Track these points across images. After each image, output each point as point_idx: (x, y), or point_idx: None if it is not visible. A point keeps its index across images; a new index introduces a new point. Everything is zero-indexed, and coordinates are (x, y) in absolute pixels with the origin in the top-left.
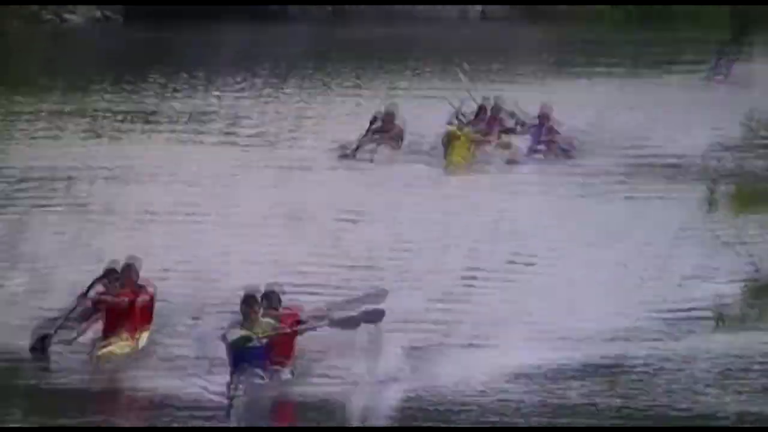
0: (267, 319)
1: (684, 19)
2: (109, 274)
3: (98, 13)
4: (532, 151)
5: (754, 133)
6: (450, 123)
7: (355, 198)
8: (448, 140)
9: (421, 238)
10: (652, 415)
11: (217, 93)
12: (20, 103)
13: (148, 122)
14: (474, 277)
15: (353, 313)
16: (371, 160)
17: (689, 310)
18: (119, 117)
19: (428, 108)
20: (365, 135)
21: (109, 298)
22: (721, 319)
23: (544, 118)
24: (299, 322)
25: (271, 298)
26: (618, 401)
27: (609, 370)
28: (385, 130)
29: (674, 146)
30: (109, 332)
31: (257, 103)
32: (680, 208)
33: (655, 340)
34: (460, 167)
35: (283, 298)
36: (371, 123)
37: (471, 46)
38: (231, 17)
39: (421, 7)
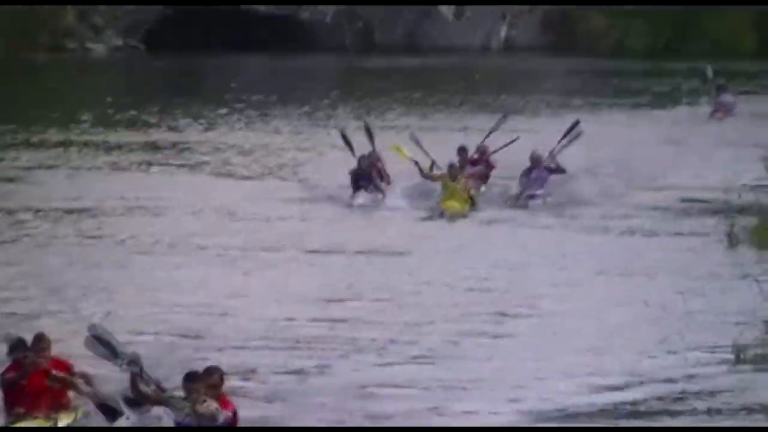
0: (212, 405)
1: (708, 51)
2: (17, 347)
3: (120, 42)
4: (531, 197)
5: None
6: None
7: (350, 237)
8: (443, 186)
9: (430, 279)
10: None
11: (233, 124)
12: (39, 134)
13: (160, 154)
14: (492, 319)
15: None
16: (350, 205)
17: (710, 348)
18: (135, 149)
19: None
20: (353, 178)
21: (22, 381)
22: (742, 358)
23: (536, 161)
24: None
25: (212, 376)
26: None
27: (626, 410)
28: (368, 173)
29: (693, 181)
30: (14, 409)
31: (271, 135)
32: (701, 245)
33: (671, 380)
34: (456, 212)
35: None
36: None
37: (490, 78)
38: (253, 48)
39: (444, 40)
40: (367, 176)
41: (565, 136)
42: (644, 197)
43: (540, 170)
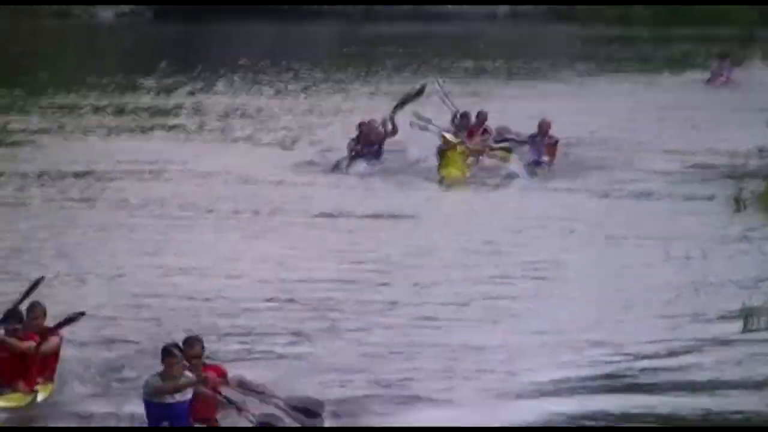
0: (188, 374)
1: (713, 18)
2: (10, 317)
3: (127, 9)
4: (536, 164)
5: None
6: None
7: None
8: (442, 151)
9: (437, 243)
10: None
11: (234, 89)
12: (40, 98)
13: (159, 118)
14: (500, 282)
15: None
16: (346, 172)
17: (719, 312)
18: (142, 113)
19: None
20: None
21: (12, 341)
22: (750, 321)
23: (544, 129)
24: (224, 377)
25: (193, 346)
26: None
27: (632, 379)
28: (364, 140)
29: (699, 146)
30: (2, 382)
31: (278, 101)
32: (708, 209)
33: (679, 346)
34: (457, 180)
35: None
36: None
37: (497, 44)
38: (260, 14)
39: (449, 7)
40: (370, 143)
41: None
42: (650, 162)
43: (544, 137)
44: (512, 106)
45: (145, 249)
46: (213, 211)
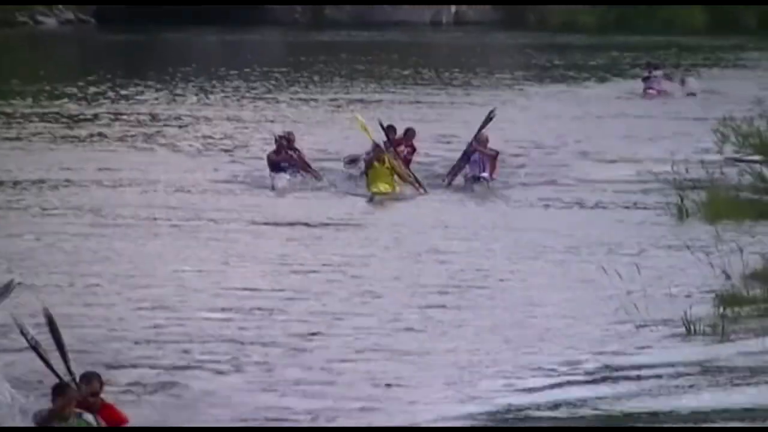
0: (87, 417)
1: (661, 26)
2: None
3: (71, 16)
4: (475, 179)
5: (726, 140)
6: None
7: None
8: (369, 167)
9: (381, 252)
10: None
11: (185, 98)
12: None
13: (101, 126)
14: (444, 291)
15: None
16: (272, 188)
17: (661, 321)
18: (81, 122)
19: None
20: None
21: None
22: (692, 330)
23: (481, 144)
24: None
25: (91, 382)
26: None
27: (576, 387)
28: (280, 154)
29: (642, 155)
30: None
31: (218, 109)
32: (651, 218)
33: (623, 353)
34: (385, 195)
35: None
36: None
37: (441, 52)
38: (204, 22)
39: (395, 15)
40: (288, 158)
41: (482, 126)
42: (592, 171)
43: (482, 153)
44: (451, 114)
45: (94, 257)
46: (154, 219)
